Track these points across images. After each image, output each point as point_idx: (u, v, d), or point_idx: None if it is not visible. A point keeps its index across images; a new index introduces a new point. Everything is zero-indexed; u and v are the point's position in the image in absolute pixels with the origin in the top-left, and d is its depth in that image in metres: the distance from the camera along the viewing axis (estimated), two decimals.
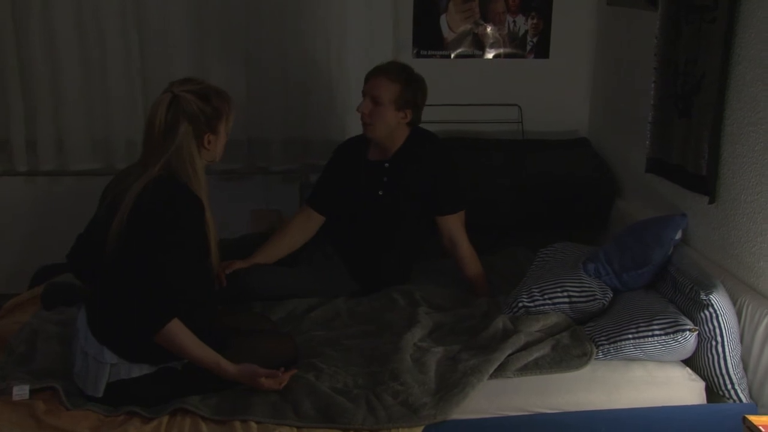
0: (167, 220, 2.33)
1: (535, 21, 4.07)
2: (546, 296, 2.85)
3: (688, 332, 2.53)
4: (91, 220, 2.51)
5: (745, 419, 2.08)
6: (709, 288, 2.57)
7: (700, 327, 2.56)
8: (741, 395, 2.54)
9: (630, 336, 2.59)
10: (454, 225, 3.19)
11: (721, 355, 2.54)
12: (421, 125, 3.86)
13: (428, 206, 3.17)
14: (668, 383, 2.58)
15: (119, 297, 2.37)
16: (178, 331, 2.33)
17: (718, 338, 2.54)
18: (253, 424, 2.32)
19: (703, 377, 2.60)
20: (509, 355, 2.61)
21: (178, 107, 2.36)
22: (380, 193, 3.17)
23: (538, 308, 2.85)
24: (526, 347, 2.66)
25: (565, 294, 2.84)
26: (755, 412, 2.39)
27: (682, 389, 2.58)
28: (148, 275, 2.31)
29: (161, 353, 2.38)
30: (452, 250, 3.20)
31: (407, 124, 3.17)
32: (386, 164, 3.18)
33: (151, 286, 2.32)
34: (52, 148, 3.86)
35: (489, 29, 4.07)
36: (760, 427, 2.02)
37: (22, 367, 2.54)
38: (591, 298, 2.84)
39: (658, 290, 2.87)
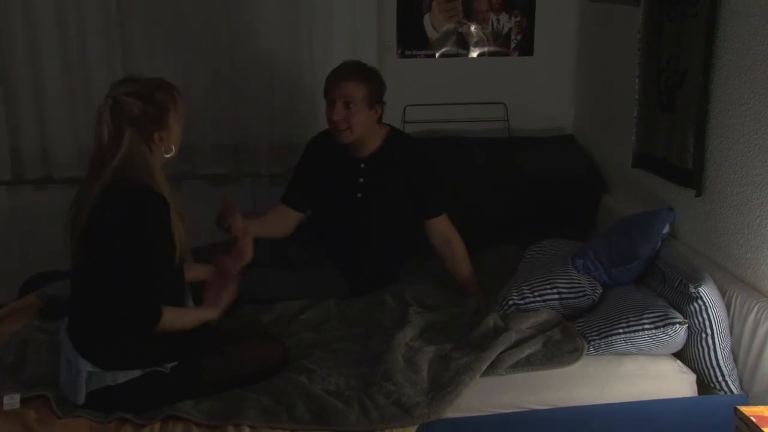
0: (134, 221, 2.29)
1: (518, 19, 4.08)
2: (536, 293, 2.86)
3: (678, 325, 2.54)
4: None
5: (736, 410, 2.08)
6: (697, 281, 2.58)
7: (689, 320, 2.57)
8: (732, 387, 2.55)
9: (620, 330, 2.60)
10: (444, 225, 3.19)
11: (711, 348, 2.55)
12: (406, 125, 3.87)
13: (415, 210, 3.17)
14: (659, 376, 2.59)
15: (94, 305, 2.37)
16: (171, 318, 2.36)
17: (708, 330, 2.55)
18: (247, 429, 2.32)
19: (694, 370, 2.61)
20: (501, 353, 2.61)
21: (120, 112, 2.32)
22: (359, 195, 3.16)
23: (528, 305, 2.85)
24: (517, 344, 2.66)
25: (555, 290, 2.85)
26: (746, 403, 2.40)
27: (674, 382, 2.59)
28: (126, 277, 2.29)
29: (143, 361, 2.38)
30: (445, 250, 3.19)
31: (378, 121, 3.15)
32: (362, 165, 3.17)
33: (132, 287, 2.31)
34: (37, 156, 3.84)
35: (473, 28, 4.07)
36: (752, 418, 2.03)
37: (12, 377, 2.53)
38: (581, 293, 2.85)
39: (648, 284, 2.88)
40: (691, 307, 2.57)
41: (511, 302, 2.87)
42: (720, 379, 2.55)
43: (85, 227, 2.29)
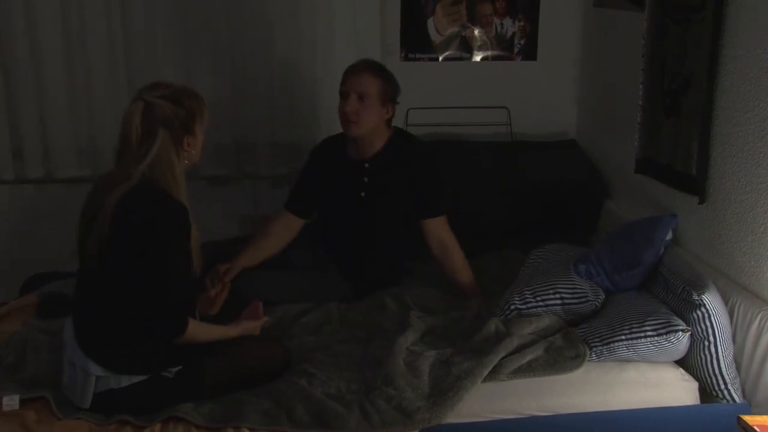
0: (161, 230, 2.31)
1: (522, 23, 4.07)
2: (538, 298, 2.85)
3: (680, 333, 2.53)
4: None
5: (739, 419, 2.08)
6: (701, 288, 2.57)
7: (692, 327, 2.56)
8: (734, 395, 2.54)
9: (623, 337, 2.59)
10: (442, 228, 3.17)
11: (714, 355, 2.54)
12: (408, 128, 3.87)
13: (414, 209, 3.16)
14: (662, 384, 2.58)
15: (106, 306, 2.36)
16: (195, 329, 2.40)
17: (711, 338, 2.54)
18: (247, 431, 2.31)
19: (697, 377, 2.60)
20: (502, 358, 2.60)
21: (152, 115, 2.34)
22: (363, 194, 3.15)
23: (530, 310, 2.84)
24: (519, 350, 2.65)
25: (558, 296, 2.84)
26: (749, 412, 2.38)
27: (676, 390, 2.58)
28: (153, 285, 2.31)
29: (150, 365, 2.38)
30: (443, 255, 3.17)
31: (386, 122, 3.15)
32: (366, 164, 3.16)
33: (159, 295, 2.32)
34: (38, 155, 3.83)
35: (476, 32, 4.07)
36: (755, 427, 2.02)
37: (11, 377, 2.52)
38: (583, 299, 2.84)
39: (650, 291, 2.87)
40: (694, 314, 2.56)
41: (513, 307, 2.86)
42: (722, 387, 2.54)
43: (108, 229, 2.28)
